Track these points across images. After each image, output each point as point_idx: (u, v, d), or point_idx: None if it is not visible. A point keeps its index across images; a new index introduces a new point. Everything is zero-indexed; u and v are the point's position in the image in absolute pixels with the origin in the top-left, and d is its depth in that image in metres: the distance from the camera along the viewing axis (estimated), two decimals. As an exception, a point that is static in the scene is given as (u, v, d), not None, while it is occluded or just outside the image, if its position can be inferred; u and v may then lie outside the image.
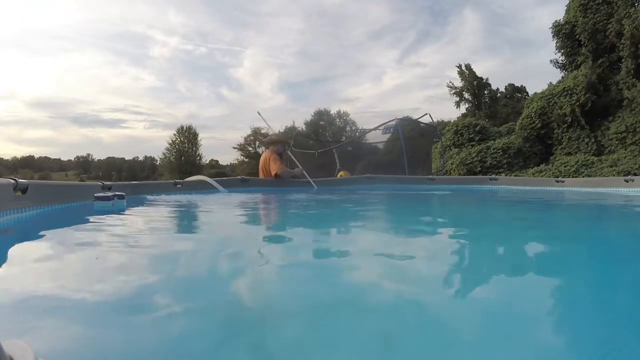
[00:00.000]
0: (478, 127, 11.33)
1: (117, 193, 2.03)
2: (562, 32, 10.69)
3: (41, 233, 1.35)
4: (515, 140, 10.39)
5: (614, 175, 7.56)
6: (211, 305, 0.65)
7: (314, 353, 0.49)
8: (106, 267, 0.90)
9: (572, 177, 7.98)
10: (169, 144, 36.21)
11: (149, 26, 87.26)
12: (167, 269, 0.92)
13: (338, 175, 5.39)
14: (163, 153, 36.62)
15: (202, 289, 0.75)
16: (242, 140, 34.04)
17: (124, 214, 1.89)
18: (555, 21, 10.96)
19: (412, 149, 6.46)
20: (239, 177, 4.04)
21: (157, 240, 1.32)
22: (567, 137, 9.68)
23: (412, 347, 0.51)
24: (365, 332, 0.55)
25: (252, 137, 33.81)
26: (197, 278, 0.84)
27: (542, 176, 8.67)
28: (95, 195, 2.00)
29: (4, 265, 0.93)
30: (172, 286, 0.78)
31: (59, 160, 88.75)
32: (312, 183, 4.18)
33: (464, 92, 17.05)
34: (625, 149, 8.59)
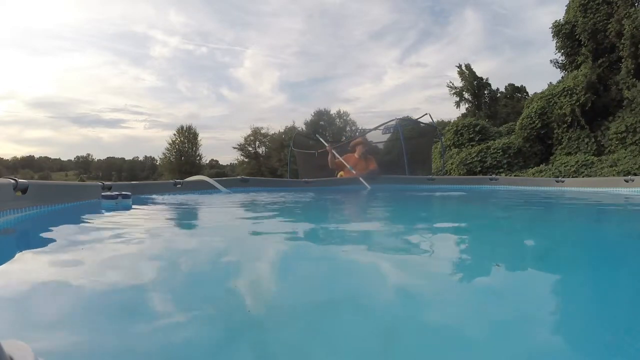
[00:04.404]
0: (478, 127, 11.31)
1: (122, 192, 2.13)
2: (562, 32, 10.67)
3: (45, 232, 1.35)
4: (515, 140, 10.37)
5: (614, 175, 7.55)
6: (212, 304, 0.65)
7: (315, 353, 0.49)
8: (106, 267, 0.90)
9: (572, 177, 7.97)
10: (169, 144, 36.16)
11: (149, 26, 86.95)
12: (167, 269, 0.92)
13: (338, 176, 5.39)
14: (163, 153, 36.56)
15: (203, 288, 0.75)
16: (242, 140, 34.00)
17: (124, 214, 1.89)
18: (555, 21, 10.94)
19: (412, 149, 6.44)
20: (239, 177, 4.05)
21: (156, 240, 1.32)
22: (567, 137, 9.67)
23: (412, 347, 0.51)
24: (367, 331, 0.55)
25: (252, 137, 33.75)
26: (197, 278, 0.84)
27: (542, 176, 8.66)
28: (102, 194, 2.17)
29: (6, 265, 0.93)
30: (173, 286, 0.77)
31: (59, 160, 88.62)
32: (365, 184, 4.56)
33: (464, 92, 17.01)
34: (625, 149, 8.57)
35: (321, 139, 6.15)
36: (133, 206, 2.15)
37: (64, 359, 0.47)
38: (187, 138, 36.44)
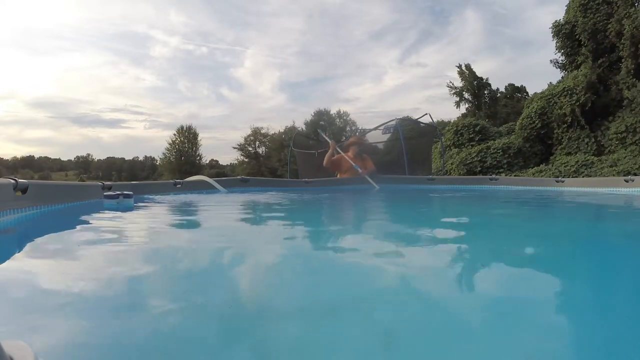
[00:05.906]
0: (478, 127, 11.31)
1: (124, 192, 2.13)
2: (562, 32, 10.67)
3: (45, 232, 1.36)
4: (515, 140, 10.37)
5: (614, 175, 7.55)
6: (213, 304, 0.65)
7: (314, 354, 0.49)
8: (105, 267, 0.90)
9: (572, 177, 7.97)
10: (169, 144, 36.18)
11: (149, 26, 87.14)
12: (168, 268, 0.92)
13: (338, 175, 5.39)
14: (163, 153, 36.58)
15: (203, 288, 0.75)
16: (242, 140, 34.01)
17: (124, 213, 1.89)
18: (555, 21, 10.94)
19: (412, 149, 6.44)
20: (239, 177, 4.05)
21: (157, 240, 1.32)
22: (567, 137, 9.66)
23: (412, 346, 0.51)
24: (367, 331, 0.55)
25: (252, 137, 33.76)
26: (197, 278, 0.84)
27: (542, 176, 8.66)
28: (104, 194, 2.17)
29: (6, 264, 0.93)
30: (174, 286, 0.77)
31: (59, 160, 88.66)
32: (373, 183, 4.56)
33: (464, 92, 16.99)
34: (625, 149, 8.57)
35: (324, 135, 6.14)
36: (134, 206, 2.16)
37: (64, 359, 0.47)
38: (187, 138, 36.46)
